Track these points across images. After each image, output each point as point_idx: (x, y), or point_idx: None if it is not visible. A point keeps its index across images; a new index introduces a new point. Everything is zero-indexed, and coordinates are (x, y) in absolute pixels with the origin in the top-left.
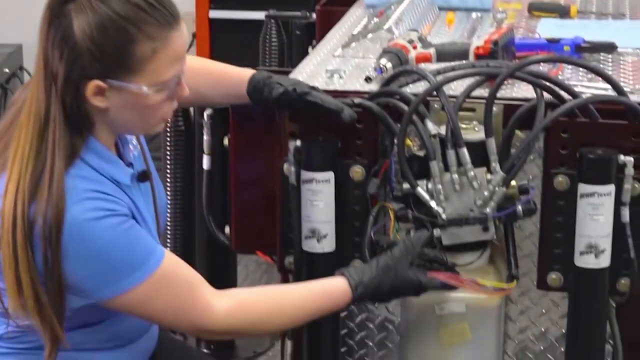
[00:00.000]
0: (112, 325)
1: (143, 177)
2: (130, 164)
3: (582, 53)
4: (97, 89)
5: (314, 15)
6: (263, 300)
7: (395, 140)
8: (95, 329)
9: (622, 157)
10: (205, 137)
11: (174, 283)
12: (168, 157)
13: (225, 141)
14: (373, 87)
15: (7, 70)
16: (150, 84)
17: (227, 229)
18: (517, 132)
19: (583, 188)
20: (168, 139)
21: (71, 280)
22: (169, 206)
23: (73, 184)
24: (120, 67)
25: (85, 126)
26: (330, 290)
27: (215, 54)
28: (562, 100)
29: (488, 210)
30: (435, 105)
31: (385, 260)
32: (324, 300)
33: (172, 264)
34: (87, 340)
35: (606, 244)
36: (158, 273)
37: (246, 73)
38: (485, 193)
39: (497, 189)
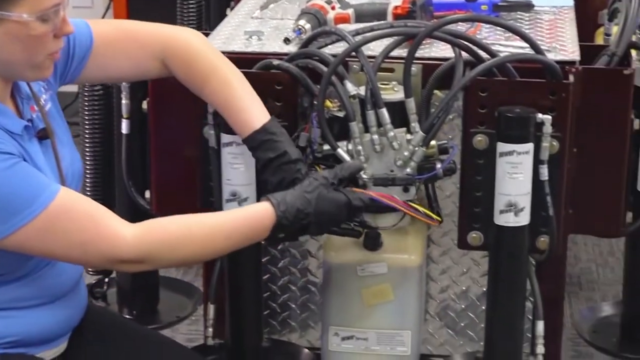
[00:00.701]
0: (35, 281)
1: (42, 136)
2: (30, 121)
3: (500, 12)
4: None
5: None
6: (176, 222)
7: (315, 102)
8: (17, 284)
9: (540, 116)
10: (123, 101)
11: (73, 216)
12: (87, 122)
13: (144, 105)
14: (292, 48)
15: None
16: (31, 12)
17: (147, 194)
18: (436, 91)
19: (502, 147)
20: (86, 103)
21: None
22: (88, 171)
23: None
24: None
25: None
26: (252, 210)
27: (132, 14)
28: (481, 60)
29: (409, 170)
30: (355, 66)
31: (309, 181)
32: (247, 221)
33: (69, 197)
34: (9, 299)
35: (525, 202)
36: (53, 206)
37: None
38: (406, 153)
39: (417, 149)
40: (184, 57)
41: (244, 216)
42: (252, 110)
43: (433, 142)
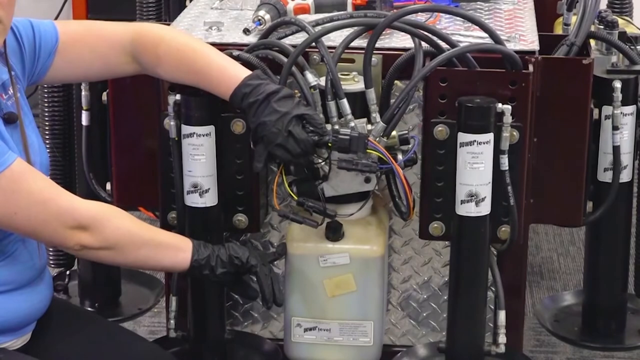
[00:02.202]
0: (6, 265)
1: (9, 118)
2: None
3: (459, 2)
4: None
5: None
6: (126, 214)
7: None
8: None
9: (500, 106)
10: (83, 93)
11: (34, 177)
12: (47, 114)
13: (104, 96)
14: (252, 39)
15: None
16: None
17: (108, 186)
18: (397, 82)
19: (463, 137)
20: (45, 95)
21: None
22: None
23: None
24: None
25: None
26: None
27: (90, 6)
28: (441, 50)
29: (370, 160)
30: (315, 57)
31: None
32: (167, 254)
33: (27, 164)
34: None
35: (486, 192)
36: (15, 167)
37: (234, 79)
38: None
39: (378, 139)
40: (153, 43)
41: (172, 249)
42: (235, 66)
43: (394, 133)
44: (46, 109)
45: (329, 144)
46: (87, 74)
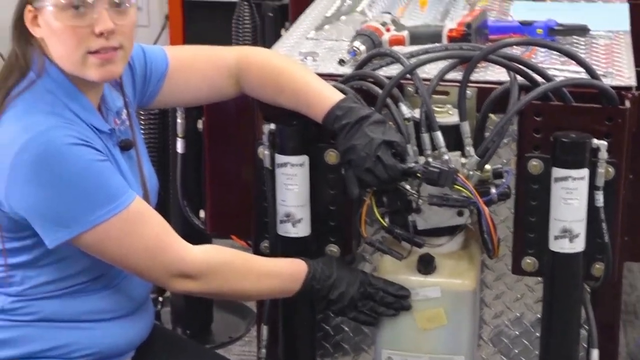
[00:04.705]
0: (114, 294)
1: (125, 145)
2: (112, 130)
3: (555, 36)
4: (31, 14)
5: None
6: (236, 252)
7: None
8: (98, 296)
9: (595, 141)
10: (179, 121)
11: (149, 221)
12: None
13: (199, 124)
14: (346, 70)
15: None
16: (54, 0)
17: (202, 213)
18: (491, 115)
19: (557, 172)
20: (142, 121)
21: (46, 212)
22: None
23: (50, 118)
24: None
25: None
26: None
27: (188, 36)
28: (536, 84)
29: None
30: (409, 89)
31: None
32: (284, 280)
33: (145, 205)
34: (88, 310)
35: (580, 228)
36: (133, 208)
37: (329, 101)
38: None
39: (471, 172)
40: (257, 65)
41: (288, 275)
42: (331, 89)
43: (487, 166)
44: (143, 136)
45: (418, 175)
46: (195, 97)
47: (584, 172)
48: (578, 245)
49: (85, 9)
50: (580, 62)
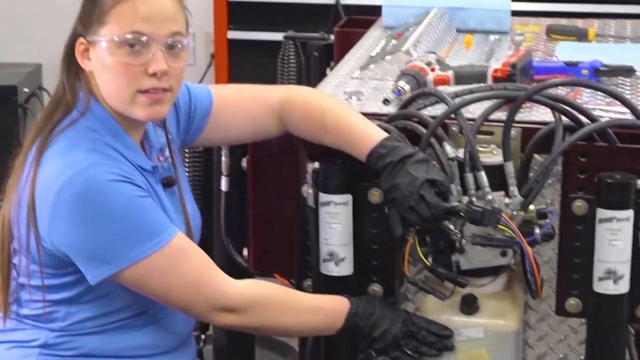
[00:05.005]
0: (156, 330)
1: (168, 182)
2: (154, 167)
3: (600, 76)
4: (82, 47)
5: (332, 37)
6: (277, 287)
7: None
8: (141, 332)
9: None
10: (223, 159)
11: (191, 257)
12: (188, 178)
13: (243, 162)
14: (391, 109)
15: (26, 89)
16: (110, 36)
17: (245, 251)
18: (536, 155)
19: (602, 213)
20: (187, 159)
21: (88, 249)
22: None
23: (92, 155)
24: (91, 16)
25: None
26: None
27: (233, 75)
28: (581, 124)
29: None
30: (453, 128)
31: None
32: (325, 316)
33: (186, 240)
34: (132, 346)
35: (625, 270)
36: (174, 244)
37: (373, 139)
38: None
39: (515, 213)
40: (301, 104)
41: (327, 299)
42: (374, 128)
43: (532, 207)
44: (187, 173)
45: (462, 214)
46: (239, 135)
47: (629, 213)
48: (622, 287)
49: (140, 48)
50: (626, 103)
